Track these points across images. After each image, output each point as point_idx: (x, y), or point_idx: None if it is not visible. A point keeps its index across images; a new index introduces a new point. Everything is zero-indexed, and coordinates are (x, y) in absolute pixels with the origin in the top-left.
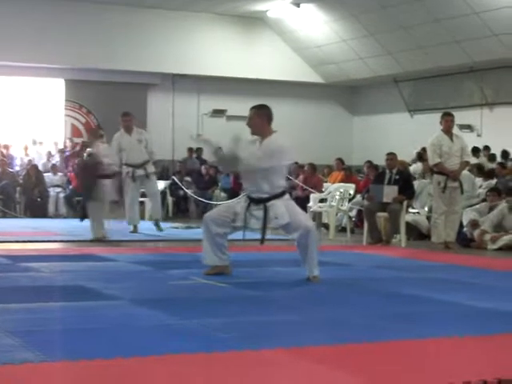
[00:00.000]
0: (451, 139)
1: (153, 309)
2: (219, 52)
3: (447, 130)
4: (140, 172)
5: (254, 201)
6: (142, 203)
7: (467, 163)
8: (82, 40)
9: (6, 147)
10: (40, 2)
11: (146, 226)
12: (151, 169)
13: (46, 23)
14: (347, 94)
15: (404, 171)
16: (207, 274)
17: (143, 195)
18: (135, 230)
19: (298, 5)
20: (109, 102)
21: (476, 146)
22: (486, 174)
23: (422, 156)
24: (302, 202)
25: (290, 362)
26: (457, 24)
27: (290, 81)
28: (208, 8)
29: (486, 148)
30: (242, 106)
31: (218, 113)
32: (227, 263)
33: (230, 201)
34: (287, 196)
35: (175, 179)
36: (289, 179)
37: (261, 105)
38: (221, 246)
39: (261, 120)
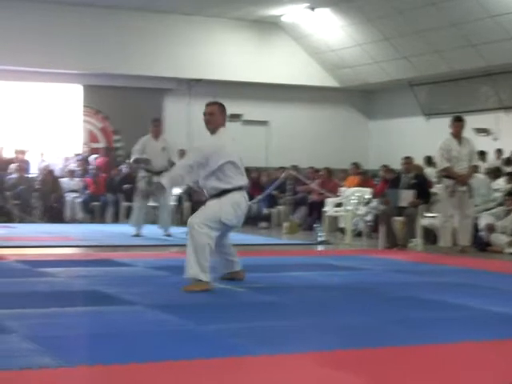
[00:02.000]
0: (460, 143)
1: (169, 314)
2: (235, 57)
3: (456, 135)
4: (156, 179)
5: None
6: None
7: (475, 167)
8: (100, 46)
9: (23, 152)
10: (58, 8)
11: (159, 231)
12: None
13: (64, 29)
14: (363, 98)
15: (420, 175)
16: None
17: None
18: (139, 235)
19: (313, 9)
20: (125, 107)
21: (482, 149)
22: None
23: (430, 160)
24: (318, 207)
25: (306, 367)
26: (472, 28)
27: (306, 85)
28: (223, 13)
29: (499, 151)
30: (257, 111)
31: (234, 117)
32: (238, 269)
33: None
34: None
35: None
36: (305, 184)
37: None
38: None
39: (223, 117)
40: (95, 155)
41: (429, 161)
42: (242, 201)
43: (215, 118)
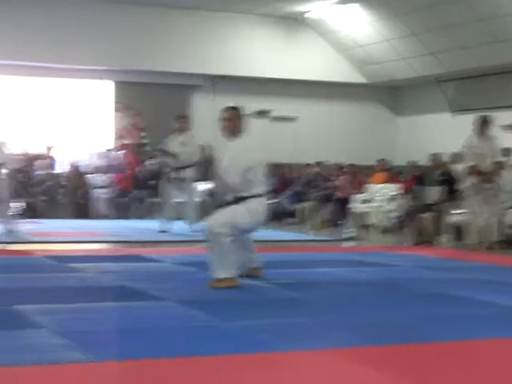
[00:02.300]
0: (484, 141)
1: (196, 310)
2: (261, 53)
3: (481, 133)
4: (177, 175)
5: None
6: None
7: (500, 164)
8: (130, 42)
9: (51, 149)
10: (89, 4)
11: (186, 227)
12: (186, 174)
13: (95, 26)
14: (390, 94)
15: (447, 172)
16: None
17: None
18: (166, 230)
19: (340, 5)
20: (154, 103)
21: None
22: None
23: (457, 157)
24: (345, 203)
25: (334, 363)
26: (500, 23)
27: (333, 81)
28: (250, 9)
29: None
30: (284, 107)
31: (262, 114)
32: (255, 265)
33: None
34: None
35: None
36: (331, 180)
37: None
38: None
39: (241, 123)
40: (123, 151)
41: (456, 157)
42: (259, 207)
43: (233, 124)
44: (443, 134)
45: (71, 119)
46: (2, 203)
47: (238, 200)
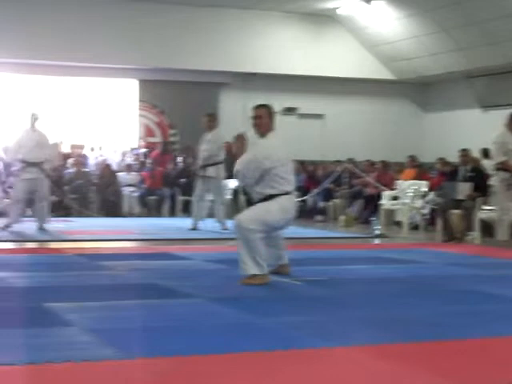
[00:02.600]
0: None
1: (228, 307)
2: (290, 50)
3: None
4: (201, 172)
5: None
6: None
7: None
8: (155, 40)
9: (80, 147)
10: (114, 3)
11: (216, 224)
12: (211, 172)
13: (120, 24)
14: (419, 90)
15: (477, 168)
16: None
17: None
18: (196, 228)
19: (368, 1)
20: (181, 101)
21: None
22: None
23: (487, 153)
24: (375, 200)
25: (366, 359)
26: None
27: (361, 78)
28: (278, 6)
29: None
30: (313, 104)
31: (290, 111)
32: (284, 262)
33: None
34: None
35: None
36: (360, 177)
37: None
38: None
39: (271, 121)
40: (150, 149)
41: (485, 153)
42: (289, 204)
43: (263, 121)
44: (472, 130)
45: (100, 118)
46: (41, 201)
47: (268, 197)
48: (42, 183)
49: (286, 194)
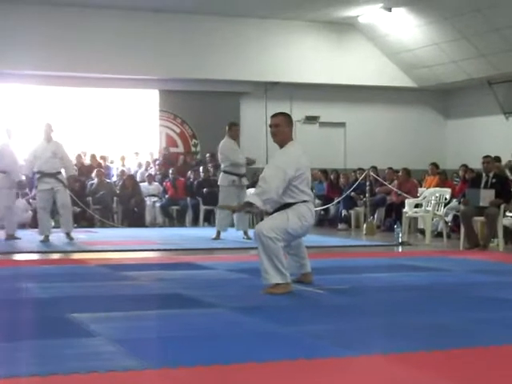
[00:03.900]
0: None
1: (251, 316)
2: (311, 59)
3: None
4: (237, 182)
5: None
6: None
7: None
8: (175, 51)
9: (104, 158)
10: (134, 14)
11: (238, 234)
12: (244, 181)
13: (139, 35)
14: (440, 97)
15: (501, 174)
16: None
17: None
18: (217, 237)
19: (389, 9)
20: (202, 111)
21: None
22: None
23: None
24: (397, 208)
25: (390, 368)
26: None
27: (382, 86)
28: (299, 15)
29: None
30: (334, 112)
31: (311, 119)
32: (306, 271)
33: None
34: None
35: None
36: (383, 185)
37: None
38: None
39: (289, 129)
40: (172, 159)
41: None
42: (307, 212)
43: (281, 130)
44: (495, 136)
45: (121, 129)
46: (64, 209)
47: (285, 206)
48: (61, 193)
49: (305, 202)
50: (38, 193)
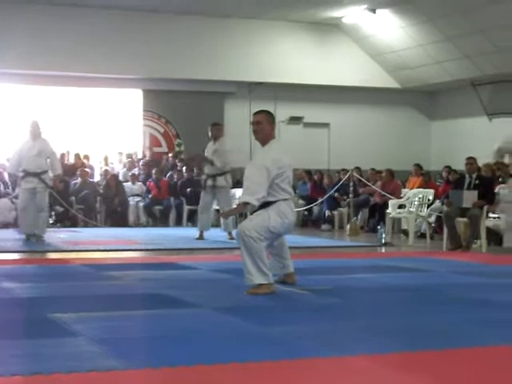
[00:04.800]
0: None
1: (233, 316)
2: (295, 59)
3: None
4: (212, 182)
5: None
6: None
7: None
8: (159, 50)
9: (86, 157)
10: (118, 14)
11: (222, 234)
12: (221, 181)
13: (124, 35)
14: (424, 98)
15: (484, 176)
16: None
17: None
18: (203, 238)
19: (373, 10)
20: (186, 111)
21: None
22: None
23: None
24: (381, 208)
25: (374, 369)
26: None
27: (366, 87)
28: (283, 16)
29: None
30: (318, 113)
31: (295, 120)
32: (289, 271)
33: None
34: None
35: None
36: (366, 185)
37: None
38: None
39: (271, 127)
40: (155, 159)
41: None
42: (288, 210)
43: (263, 127)
44: (479, 137)
45: (104, 128)
46: (39, 211)
47: (265, 205)
48: (40, 194)
49: (285, 200)
50: (19, 192)
